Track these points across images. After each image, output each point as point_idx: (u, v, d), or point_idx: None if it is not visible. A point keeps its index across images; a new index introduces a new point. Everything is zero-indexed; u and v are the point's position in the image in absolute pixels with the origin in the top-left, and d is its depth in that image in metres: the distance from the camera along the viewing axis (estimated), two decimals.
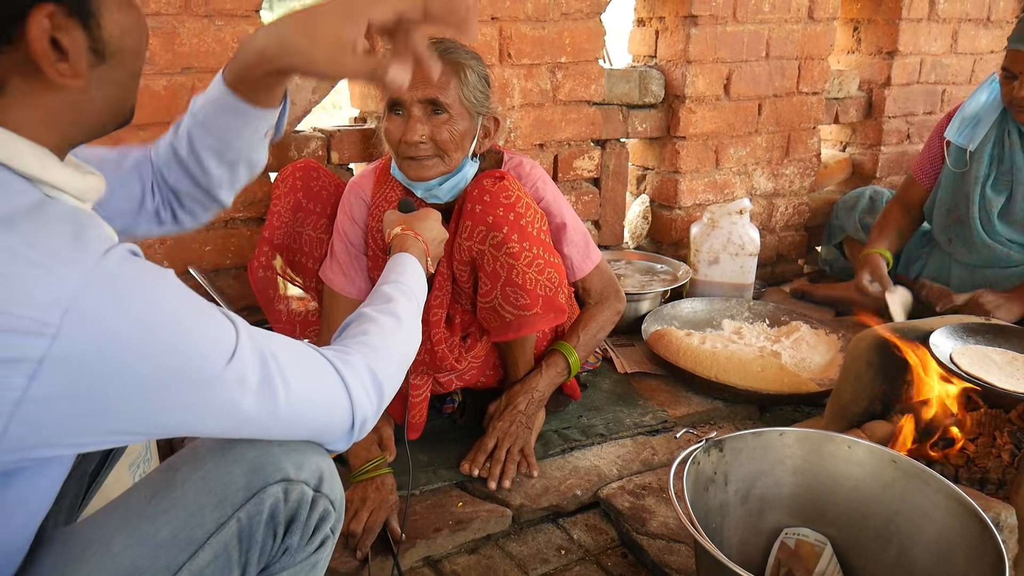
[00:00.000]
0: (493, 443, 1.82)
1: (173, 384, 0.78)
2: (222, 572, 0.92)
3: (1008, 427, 1.74)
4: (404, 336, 1.14)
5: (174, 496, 0.91)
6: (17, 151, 0.78)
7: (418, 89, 1.64)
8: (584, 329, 1.96)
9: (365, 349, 1.03)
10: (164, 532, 0.89)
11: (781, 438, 1.51)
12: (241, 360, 0.83)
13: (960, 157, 2.62)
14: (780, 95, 3.02)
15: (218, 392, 0.82)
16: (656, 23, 2.88)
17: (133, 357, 0.75)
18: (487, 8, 2.34)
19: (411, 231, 1.49)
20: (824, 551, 1.46)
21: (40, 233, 0.72)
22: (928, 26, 3.32)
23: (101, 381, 0.73)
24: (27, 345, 0.69)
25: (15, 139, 0.78)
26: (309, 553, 1.01)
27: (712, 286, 2.82)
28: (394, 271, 1.30)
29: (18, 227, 0.72)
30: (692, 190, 2.97)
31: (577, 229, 1.93)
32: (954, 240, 2.66)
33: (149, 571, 0.88)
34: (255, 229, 2.20)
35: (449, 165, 1.72)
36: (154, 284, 0.78)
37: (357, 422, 0.98)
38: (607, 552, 1.67)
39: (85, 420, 0.75)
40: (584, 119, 2.64)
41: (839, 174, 3.52)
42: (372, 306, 1.15)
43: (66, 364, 0.71)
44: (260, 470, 0.93)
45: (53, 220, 0.74)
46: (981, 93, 2.62)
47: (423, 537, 1.61)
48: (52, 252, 0.71)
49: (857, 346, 1.87)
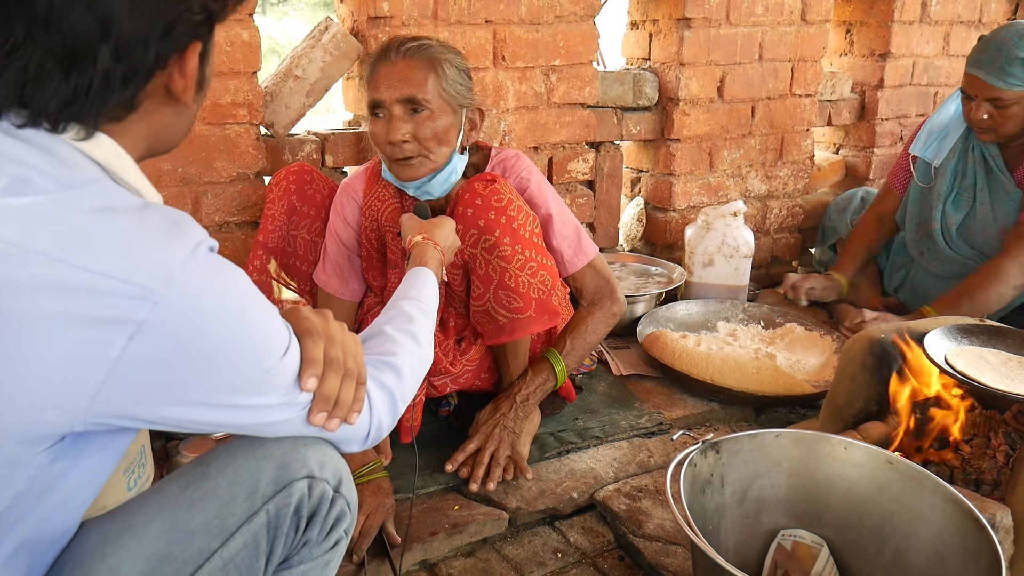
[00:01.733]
0: (475, 447, 1.82)
1: (240, 365, 0.86)
2: (250, 559, 0.97)
3: (1003, 428, 1.75)
4: (421, 357, 1.20)
5: (207, 487, 0.97)
6: (122, 162, 0.88)
7: (395, 89, 1.64)
8: (573, 334, 1.92)
9: (388, 370, 1.09)
10: (198, 520, 0.95)
11: (777, 440, 1.51)
12: (291, 357, 0.91)
13: (926, 172, 2.63)
14: (773, 97, 3.03)
15: (271, 381, 0.89)
16: (650, 26, 2.89)
17: (215, 333, 0.82)
18: (481, 11, 2.34)
19: (431, 240, 1.56)
20: (820, 553, 1.46)
21: (149, 220, 0.81)
22: (920, 28, 3.34)
23: (185, 350, 0.81)
24: (132, 307, 0.76)
25: (121, 151, 0.88)
26: (325, 550, 1.06)
27: (707, 288, 2.82)
28: (415, 286, 1.36)
29: (131, 214, 0.81)
30: (686, 192, 2.98)
31: (566, 222, 1.89)
32: (925, 253, 2.68)
33: (183, 555, 0.93)
34: (249, 233, 2.19)
35: (435, 162, 1.71)
36: (236, 274, 0.87)
37: (372, 432, 1.05)
38: (603, 555, 1.67)
39: (162, 391, 0.82)
40: (578, 122, 2.64)
41: (832, 176, 3.53)
42: (393, 324, 1.21)
43: (162, 328, 0.78)
44: (288, 466, 0.99)
45: (157, 213, 0.83)
46: (949, 105, 2.62)
47: (419, 541, 1.61)
48: (159, 234, 0.81)
49: (852, 348, 1.87)
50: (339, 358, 0.96)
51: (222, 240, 2.18)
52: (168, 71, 0.87)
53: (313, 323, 0.97)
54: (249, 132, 2.12)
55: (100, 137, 0.85)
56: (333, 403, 0.95)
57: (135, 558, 0.91)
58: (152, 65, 0.85)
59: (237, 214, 2.17)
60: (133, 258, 0.78)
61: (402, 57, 1.66)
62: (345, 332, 1.01)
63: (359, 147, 2.37)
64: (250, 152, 2.13)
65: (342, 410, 0.97)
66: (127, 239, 0.79)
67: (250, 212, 2.18)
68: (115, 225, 0.79)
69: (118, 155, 0.87)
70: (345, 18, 2.34)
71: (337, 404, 0.96)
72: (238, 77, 2.06)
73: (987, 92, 2.32)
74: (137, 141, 0.90)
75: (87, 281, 0.75)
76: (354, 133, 2.37)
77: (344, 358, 0.97)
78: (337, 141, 2.33)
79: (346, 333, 1.01)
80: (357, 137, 2.37)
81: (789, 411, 2.22)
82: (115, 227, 0.79)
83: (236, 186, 2.14)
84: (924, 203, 2.65)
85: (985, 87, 2.31)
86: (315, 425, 0.95)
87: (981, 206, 2.52)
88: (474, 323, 1.84)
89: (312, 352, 0.93)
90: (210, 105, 2.03)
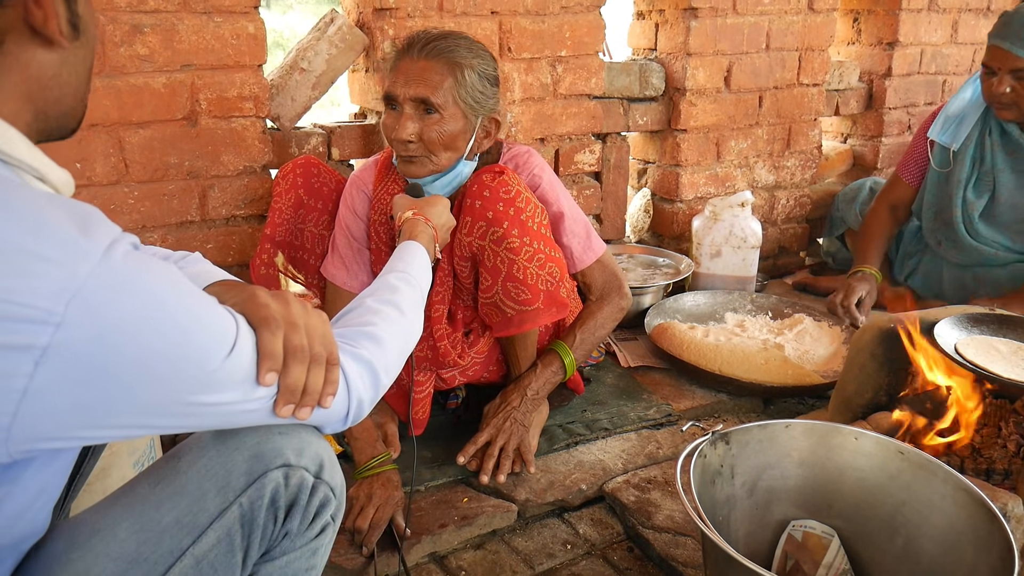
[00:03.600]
0: (485, 439, 1.82)
1: (174, 376, 0.79)
2: (225, 556, 0.94)
3: (1013, 417, 1.74)
4: (405, 327, 1.15)
5: (177, 483, 0.94)
6: (5, 134, 0.78)
7: (410, 87, 1.64)
8: (582, 327, 1.93)
9: (366, 341, 1.04)
10: (168, 518, 0.91)
11: (787, 430, 1.51)
12: (240, 354, 0.84)
13: (944, 157, 2.61)
14: (781, 87, 3.01)
15: (220, 381, 0.82)
16: (656, 16, 2.87)
17: (135, 347, 0.75)
18: (486, 2, 2.33)
19: (422, 216, 1.51)
20: (831, 543, 1.46)
21: (47, 224, 0.72)
22: (928, 16, 3.31)
23: (103, 370, 0.74)
24: (33, 332, 0.70)
25: (1, 121, 0.78)
26: (310, 539, 1.02)
27: (714, 279, 2.81)
28: (402, 260, 1.32)
29: (25, 218, 0.72)
30: (693, 183, 2.96)
31: (577, 219, 1.90)
32: (943, 242, 2.66)
33: (153, 556, 0.90)
34: (256, 227, 2.19)
35: (439, 164, 1.70)
36: (157, 277, 0.79)
37: (352, 409, 1.00)
38: (613, 546, 1.67)
39: (89, 411, 0.76)
40: (585, 113, 2.63)
41: (840, 166, 3.52)
42: (375, 296, 1.16)
43: (70, 352, 0.71)
44: (261, 456, 0.95)
45: (58, 211, 0.74)
46: (965, 90, 2.61)
47: (428, 533, 1.61)
48: (60, 240, 0.72)
49: (861, 338, 1.86)
50: (303, 344, 0.89)
51: (229, 234, 2.18)
52: (14, 5, 0.78)
53: (270, 311, 0.89)
54: (255, 125, 2.12)
55: None
56: (300, 393, 0.90)
57: (103, 561, 0.88)
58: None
59: (244, 207, 2.17)
60: (30, 275, 0.69)
61: (424, 56, 1.65)
62: (309, 313, 0.94)
63: (365, 140, 2.36)
64: (256, 145, 2.13)
65: (311, 397, 0.91)
66: (20, 253, 0.70)
67: (257, 206, 2.18)
68: (6, 235, 0.70)
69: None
70: (350, 10, 2.33)
71: (305, 392, 0.90)
72: (244, 70, 2.06)
73: (1011, 63, 2.31)
74: (16, 100, 0.81)
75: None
76: (360, 126, 2.37)
77: (310, 343, 0.90)
78: (343, 134, 2.33)
79: (311, 314, 0.94)
80: (363, 130, 2.36)
81: (798, 402, 2.21)
82: (7, 236, 0.70)
83: (242, 179, 2.14)
84: (942, 191, 2.63)
85: (1009, 58, 2.30)
86: (282, 417, 0.90)
87: (1003, 189, 2.50)
88: (482, 315, 1.84)
89: (269, 345, 0.86)
90: (216, 98, 2.03)
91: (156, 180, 2.03)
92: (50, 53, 0.83)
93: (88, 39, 0.87)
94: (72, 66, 0.86)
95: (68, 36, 0.83)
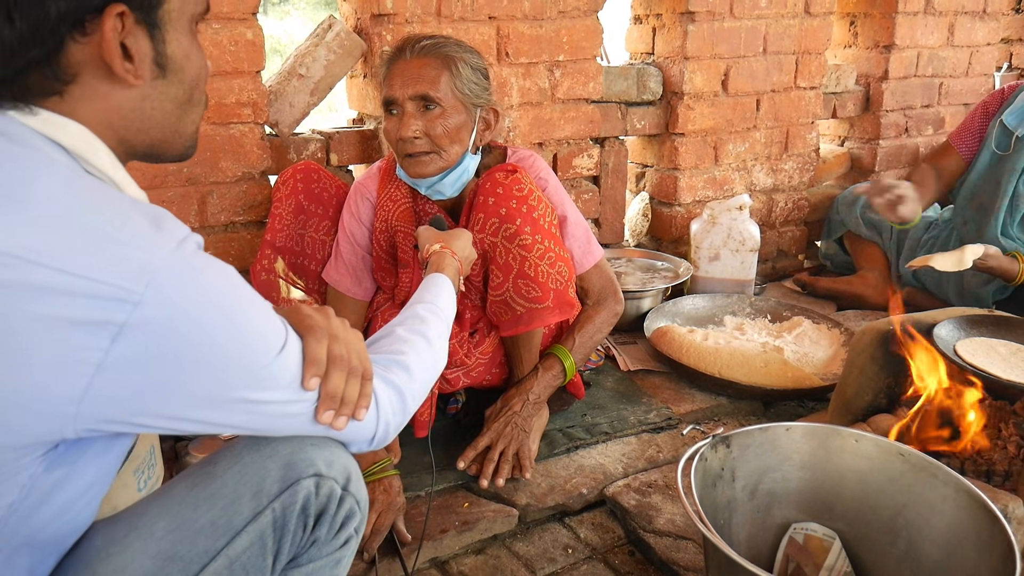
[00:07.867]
0: (486, 443, 1.82)
1: (228, 367, 0.84)
2: (257, 558, 0.97)
3: (1013, 419, 1.74)
4: (432, 357, 1.19)
5: (214, 486, 0.97)
6: (93, 147, 0.84)
7: (408, 86, 1.65)
8: (580, 331, 1.94)
9: (397, 368, 1.08)
10: (204, 519, 0.94)
11: (788, 433, 1.51)
12: (289, 355, 0.89)
13: (1006, 140, 2.54)
14: (778, 90, 3.02)
15: (270, 378, 0.88)
16: (653, 20, 2.88)
17: (198, 335, 0.80)
18: (484, 7, 2.33)
19: (449, 249, 1.55)
20: (833, 545, 1.46)
21: (128, 216, 0.79)
22: (925, 19, 3.32)
23: (168, 354, 0.79)
24: (112, 309, 0.75)
25: (92, 136, 0.85)
26: (335, 548, 1.05)
27: (713, 282, 2.81)
28: (430, 291, 1.36)
29: (108, 210, 0.78)
30: (691, 187, 2.97)
31: (578, 224, 1.92)
32: (968, 223, 2.61)
33: (189, 555, 0.93)
34: (256, 233, 2.19)
35: (447, 160, 1.72)
36: (221, 274, 0.85)
37: (379, 431, 1.04)
38: (614, 550, 1.67)
39: (148, 396, 0.80)
40: (583, 117, 2.64)
41: (838, 168, 3.52)
42: (405, 325, 1.20)
43: (143, 332, 0.76)
44: (294, 465, 0.98)
45: (136, 209, 0.80)
46: None
47: (430, 538, 1.61)
48: (139, 231, 0.78)
49: (860, 340, 1.87)
50: (343, 355, 0.95)
51: (228, 240, 2.18)
52: (93, 38, 0.82)
53: (315, 321, 0.95)
54: (254, 131, 2.12)
55: (64, 121, 0.83)
56: (339, 401, 0.94)
57: (140, 558, 0.91)
58: (56, 24, 0.80)
59: (243, 214, 2.17)
60: (112, 258, 0.75)
61: (416, 55, 1.67)
62: (348, 329, 0.99)
63: (364, 145, 2.36)
64: (255, 151, 2.13)
65: (348, 407, 0.96)
66: (103, 238, 0.76)
67: (256, 212, 2.18)
68: (89, 220, 0.76)
69: (87, 140, 0.84)
70: (348, 16, 2.33)
71: (343, 401, 0.95)
72: (242, 76, 2.06)
73: None
74: (96, 126, 0.86)
75: (65, 283, 0.73)
76: (358, 131, 2.37)
77: (348, 355, 0.96)
78: (342, 140, 2.33)
79: (348, 330, 0.99)
80: (362, 135, 2.37)
81: (798, 404, 2.21)
82: (93, 224, 0.76)
83: (241, 186, 2.14)
84: (990, 175, 2.56)
85: None
86: (322, 423, 0.94)
87: None
88: (490, 314, 1.84)
89: (314, 351, 0.92)
90: (215, 105, 2.03)
91: (155, 187, 2.03)
92: (127, 90, 0.87)
93: (180, 78, 0.92)
94: (155, 101, 0.90)
95: (150, 75, 0.88)
